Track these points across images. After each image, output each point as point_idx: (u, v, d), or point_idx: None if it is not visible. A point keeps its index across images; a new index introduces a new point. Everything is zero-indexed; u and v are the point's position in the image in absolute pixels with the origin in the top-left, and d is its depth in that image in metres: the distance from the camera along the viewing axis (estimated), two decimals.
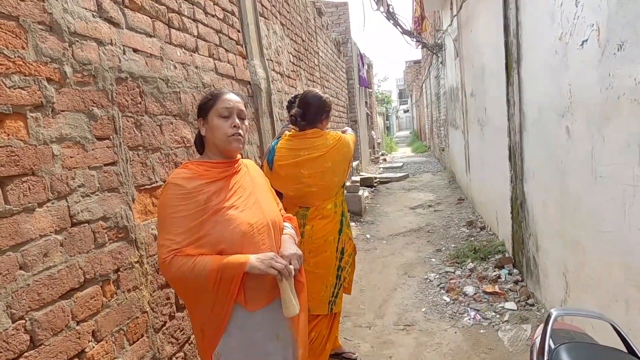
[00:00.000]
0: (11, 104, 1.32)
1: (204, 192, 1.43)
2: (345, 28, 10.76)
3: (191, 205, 1.40)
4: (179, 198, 1.40)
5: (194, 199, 1.41)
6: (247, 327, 1.48)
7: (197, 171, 1.47)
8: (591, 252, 2.33)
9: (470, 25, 5.72)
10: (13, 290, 1.27)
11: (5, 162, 1.28)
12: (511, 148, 3.84)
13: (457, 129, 8.01)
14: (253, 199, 1.55)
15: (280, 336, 1.55)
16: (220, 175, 1.50)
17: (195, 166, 1.49)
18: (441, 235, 5.55)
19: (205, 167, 1.50)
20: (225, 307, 1.43)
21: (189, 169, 1.48)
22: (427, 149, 19.80)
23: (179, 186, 1.42)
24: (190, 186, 1.42)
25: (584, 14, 2.21)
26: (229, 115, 1.52)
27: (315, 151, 2.40)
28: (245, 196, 1.53)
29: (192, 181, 1.43)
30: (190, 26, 2.51)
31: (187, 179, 1.44)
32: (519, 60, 3.48)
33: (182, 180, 1.43)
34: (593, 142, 2.19)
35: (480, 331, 3.08)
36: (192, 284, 1.40)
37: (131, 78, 1.91)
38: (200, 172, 1.47)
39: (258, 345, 1.49)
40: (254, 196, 1.57)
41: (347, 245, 2.58)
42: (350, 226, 2.68)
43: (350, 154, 2.54)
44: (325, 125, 2.54)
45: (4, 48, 1.31)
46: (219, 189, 1.47)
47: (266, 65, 3.78)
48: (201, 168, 1.49)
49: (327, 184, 2.45)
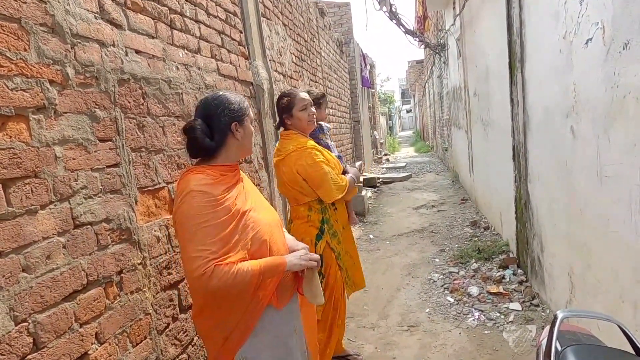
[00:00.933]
0: (13, 106, 1.31)
1: (229, 198, 1.43)
2: (347, 28, 10.76)
3: (221, 213, 1.38)
4: (208, 206, 1.37)
5: (222, 205, 1.40)
6: (274, 325, 1.51)
7: (215, 177, 1.45)
8: (597, 253, 2.31)
9: (473, 24, 5.70)
10: (16, 292, 1.27)
11: (8, 165, 1.28)
12: (515, 148, 3.82)
13: (460, 129, 7.99)
14: (260, 201, 1.61)
15: (298, 329, 1.61)
16: (234, 180, 1.52)
17: (212, 171, 1.47)
18: (445, 235, 5.53)
19: (221, 171, 1.49)
20: (259, 308, 1.47)
21: (207, 175, 1.44)
22: (430, 149, 19.76)
23: (206, 193, 1.38)
24: (217, 193, 1.40)
25: (589, 13, 2.19)
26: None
27: (277, 154, 2.44)
28: (256, 199, 1.58)
29: (216, 187, 1.42)
30: (192, 27, 2.51)
31: (211, 185, 1.41)
32: (522, 60, 3.46)
33: (207, 187, 1.40)
34: (598, 142, 2.17)
35: (485, 332, 3.06)
36: (234, 292, 1.39)
37: (133, 79, 1.91)
38: (219, 177, 1.46)
39: (282, 341, 1.53)
40: (259, 198, 1.62)
41: (328, 257, 2.43)
42: (339, 243, 2.49)
43: (306, 173, 2.28)
44: (295, 125, 2.39)
45: (6, 50, 1.31)
46: (237, 193, 1.49)
47: (269, 66, 3.78)
48: (217, 173, 1.47)
49: (287, 191, 2.47)
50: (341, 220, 2.55)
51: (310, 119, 2.41)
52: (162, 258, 2.01)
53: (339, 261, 2.51)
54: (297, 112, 2.37)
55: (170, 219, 2.10)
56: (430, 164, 14.11)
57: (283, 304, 1.55)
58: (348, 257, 2.61)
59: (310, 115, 2.39)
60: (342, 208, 2.59)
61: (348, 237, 2.62)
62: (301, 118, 2.37)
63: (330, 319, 2.55)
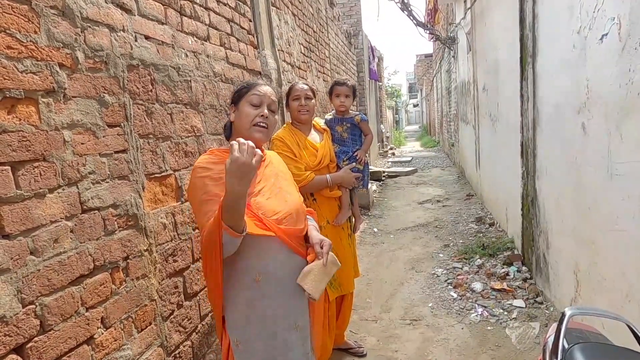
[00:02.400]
0: (23, 89, 1.31)
1: None
2: (356, 20, 10.66)
3: (221, 186, 1.37)
4: (209, 179, 1.43)
5: (222, 180, 1.36)
6: (267, 317, 1.48)
7: (222, 157, 1.47)
8: (604, 251, 2.29)
9: (484, 18, 5.63)
10: (24, 275, 1.27)
11: (17, 147, 1.28)
12: (523, 144, 3.79)
13: (468, 124, 7.93)
14: (279, 189, 1.58)
15: (300, 325, 1.55)
16: None
17: (221, 153, 1.53)
18: (449, 230, 5.51)
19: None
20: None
21: (214, 155, 1.52)
22: (436, 144, 19.65)
23: (206, 168, 1.45)
24: (217, 168, 1.44)
25: (605, 7, 2.15)
26: (259, 105, 1.56)
27: None
28: (270, 185, 1.56)
29: (219, 164, 1.45)
30: (202, 14, 2.49)
31: (214, 162, 1.47)
32: (534, 55, 3.41)
33: (209, 163, 1.47)
34: (610, 139, 2.15)
35: (488, 328, 3.06)
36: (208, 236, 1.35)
37: (143, 65, 1.90)
38: (226, 158, 1.45)
39: (278, 336, 1.50)
40: (280, 187, 1.60)
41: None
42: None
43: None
44: (291, 114, 2.47)
45: (17, 32, 1.30)
46: None
47: (277, 56, 3.75)
48: (226, 155, 1.45)
49: None
50: (326, 214, 2.49)
51: (300, 110, 2.39)
52: (168, 245, 2.01)
53: None
54: (290, 101, 2.44)
55: (177, 206, 2.11)
56: (436, 159, 14.04)
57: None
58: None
59: (300, 106, 2.39)
60: (329, 202, 2.51)
61: (335, 232, 2.50)
62: (292, 107, 2.44)
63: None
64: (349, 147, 2.64)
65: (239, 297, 1.48)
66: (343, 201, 2.58)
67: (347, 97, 2.61)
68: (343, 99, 2.61)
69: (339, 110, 2.66)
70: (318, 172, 2.44)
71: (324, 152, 2.47)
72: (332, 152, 2.56)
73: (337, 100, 2.62)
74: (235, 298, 1.49)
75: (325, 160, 2.47)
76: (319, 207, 2.45)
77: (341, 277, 2.54)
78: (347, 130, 2.65)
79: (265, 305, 1.48)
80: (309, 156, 2.41)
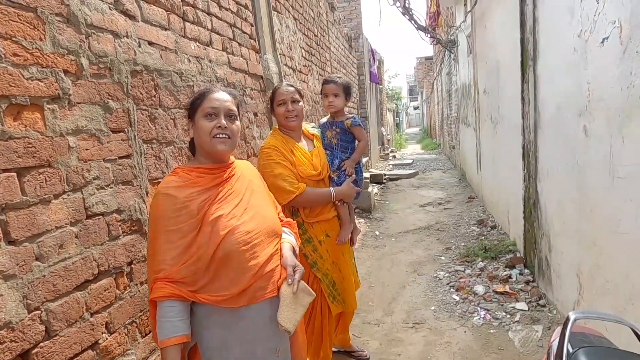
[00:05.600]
0: (29, 95, 1.32)
1: (197, 201, 1.35)
2: (357, 23, 10.70)
3: (184, 217, 1.32)
4: (171, 210, 1.32)
5: (187, 209, 1.33)
6: (246, 341, 1.41)
7: (189, 178, 1.39)
8: (608, 254, 2.29)
9: (484, 21, 5.65)
10: (29, 280, 1.28)
11: (23, 154, 1.29)
12: (525, 147, 3.79)
13: (469, 127, 7.94)
14: (248, 205, 1.46)
15: (281, 350, 1.47)
16: (214, 182, 1.42)
17: (187, 173, 1.41)
18: (451, 233, 5.51)
19: (197, 174, 1.41)
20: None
21: (179, 177, 1.39)
22: (437, 146, 19.66)
23: (170, 196, 1.33)
24: (182, 195, 1.33)
25: (606, 11, 2.16)
26: (215, 115, 1.42)
27: None
28: (240, 202, 1.44)
29: (184, 189, 1.35)
30: (204, 19, 2.51)
31: (179, 187, 1.35)
32: (535, 58, 3.42)
33: (173, 189, 1.35)
34: (612, 141, 2.15)
35: (490, 331, 3.05)
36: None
37: (146, 71, 1.91)
38: (192, 180, 1.39)
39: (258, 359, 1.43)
40: (249, 202, 1.48)
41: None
42: (315, 250, 2.29)
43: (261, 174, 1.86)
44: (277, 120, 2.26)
45: (22, 39, 1.31)
46: (212, 197, 1.39)
47: (278, 60, 3.77)
48: (193, 175, 1.40)
49: None
50: (325, 227, 2.31)
51: (288, 116, 2.18)
52: None
53: (314, 270, 2.28)
54: (275, 107, 2.22)
55: None
56: (437, 162, 14.04)
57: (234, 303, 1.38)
58: (336, 270, 2.36)
59: (287, 112, 2.18)
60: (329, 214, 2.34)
61: (336, 246, 2.36)
62: (278, 114, 2.22)
63: (314, 343, 2.35)
64: (336, 155, 2.40)
65: (215, 319, 1.39)
66: (344, 216, 2.39)
67: (337, 96, 2.35)
68: (332, 98, 2.35)
69: (328, 110, 2.44)
70: (315, 185, 2.25)
71: (322, 162, 2.31)
72: (327, 162, 2.37)
73: (326, 101, 2.38)
74: (209, 320, 1.39)
75: (324, 172, 2.30)
76: (317, 223, 2.29)
77: (345, 293, 2.41)
78: (336, 135, 2.41)
79: (243, 328, 1.40)
80: (307, 165, 2.23)
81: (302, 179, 2.18)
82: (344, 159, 2.39)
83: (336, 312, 2.41)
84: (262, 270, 1.40)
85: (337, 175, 2.37)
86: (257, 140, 3.25)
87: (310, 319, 2.37)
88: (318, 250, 2.29)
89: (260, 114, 3.38)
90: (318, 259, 2.29)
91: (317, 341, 2.40)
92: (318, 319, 2.38)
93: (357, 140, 2.45)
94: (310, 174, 2.21)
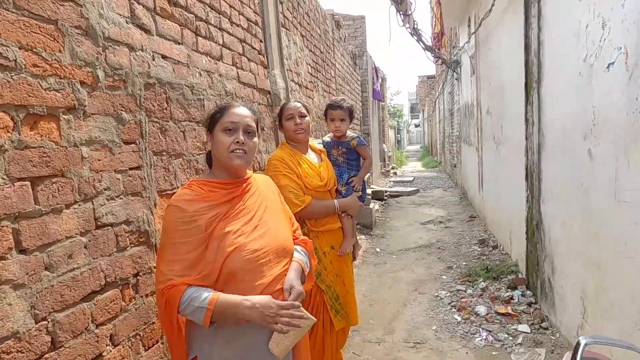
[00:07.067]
0: (46, 106, 1.33)
1: (206, 217, 1.34)
2: (361, 41, 10.83)
3: (192, 231, 1.32)
4: (180, 222, 1.32)
5: (195, 223, 1.32)
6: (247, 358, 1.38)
7: (201, 192, 1.38)
8: (613, 277, 2.28)
9: (488, 43, 5.72)
10: (38, 290, 1.27)
11: (38, 163, 1.30)
12: (528, 168, 3.81)
13: (471, 146, 7.97)
14: (260, 222, 1.45)
15: None
16: (226, 198, 1.41)
17: (200, 187, 1.40)
18: (452, 252, 5.49)
19: (210, 188, 1.41)
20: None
21: (192, 190, 1.39)
22: (437, 164, 19.71)
23: (180, 209, 1.33)
24: (192, 209, 1.33)
25: (611, 37, 2.20)
26: (234, 130, 1.42)
27: None
28: (252, 219, 1.43)
29: (194, 204, 1.35)
30: (216, 35, 2.55)
31: (189, 201, 1.35)
32: (539, 80, 3.46)
33: (184, 202, 1.35)
34: (617, 165, 2.16)
35: (493, 353, 3.02)
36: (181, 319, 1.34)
37: (159, 84, 1.93)
38: (204, 194, 1.38)
39: None
40: (261, 219, 1.46)
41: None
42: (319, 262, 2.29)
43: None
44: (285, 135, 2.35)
45: (42, 50, 1.33)
46: (222, 212, 1.38)
47: (286, 76, 3.81)
48: (206, 189, 1.40)
49: None
50: (330, 239, 2.37)
51: (296, 129, 2.26)
52: None
53: (318, 281, 2.27)
54: (284, 122, 2.31)
55: None
56: (437, 180, 14.07)
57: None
58: (339, 282, 2.39)
59: (295, 126, 2.26)
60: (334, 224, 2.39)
61: (340, 259, 2.40)
62: (287, 128, 2.30)
63: (315, 359, 2.29)
64: (343, 172, 2.51)
65: (216, 335, 1.36)
66: (347, 229, 2.45)
67: (343, 120, 2.47)
68: (338, 123, 2.46)
69: (335, 134, 2.54)
70: (322, 196, 2.32)
71: (330, 174, 2.38)
72: (335, 175, 2.45)
73: (332, 125, 2.49)
74: (210, 336, 1.36)
75: (331, 183, 2.37)
76: (322, 233, 2.35)
77: (348, 307, 2.42)
78: (342, 154, 2.53)
79: (244, 345, 1.37)
80: (313, 177, 2.30)
81: (309, 190, 2.24)
82: (352, 175, 2.52)
83: (339, 327, 2.40)
84: (268, 291, 1.37)
85: (345, 189, 2.49)
86: (263, 154, 3.27)
87: (312, 333, 2.34)
88: (322, 261, 2.32)
89: (267, 128, 3.40)
90: (322, 270, 2.32)
91: (318, 356, 2.37)
92: (320, 333, 2.36)
93: (362, 158, 2.59)
94: (317, 185, 2.28)
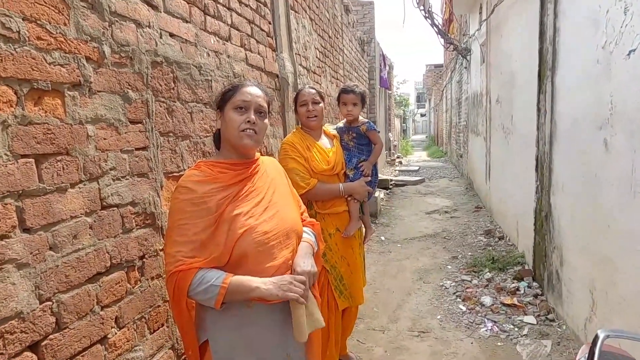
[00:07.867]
0: (50, 81, 1.29)
1: (216, 198, 1.31)
2: (369, 27, 10.68)
3: (202, 213, 1.29)
4: (189, 203, 1.29)
5: (205, 205, 1.29)
6: (256, 345, 1.37)
7: (210, 174, 1.35)
8: (624, 271, 2.24)
9: (500, 30, 5.60)
10: (42, 270, 1.24)
11: (42, 140, 1.26)
12: (539, 158, 3.74)
13: (479, 136, 7.88)
14: (269, 204, 1.42)
15: (292, 356, 1.43)
16: (236, 179, 1.38)
17: (209, 167, 1.37)
18: (458, 242, 5.46)
19: (220, 169, 1.38)
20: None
21: (201, 171, 1.36)
22: (443, 154, 19.58)
23: (190, 190, 1.31)
24: (202, 190, 1.31)
25: (634, 23, 2.12)
26: (246, 109, 1.39)
27: None
28: (261, 201, 1.41)
29: (204, 185, 1.32)
30: (224, 14, 2.48)
31: (199, 182, 1.32)
32: (553, 68, 3.38)
33: (193, 183, 1.32)
34: (634, 157, 2.11)
35: (498, 343, 3.00)
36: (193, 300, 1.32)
37: (166, 63, 1.88)
38: (214, 175, 1.35)
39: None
40: (271, 200, 1.44)
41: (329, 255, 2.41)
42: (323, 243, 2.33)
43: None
44: (300, 120, 2.45)
45: (47, 23, 1.28)
46: (232, 194, 1.35)
47: (294, 59, 3.74)
48: (215, 170, 1.37)
49: None
50: (335, 222, 2.42)
51: (309, 115, 2.34)
52: None
53: (322, 261, 2.29)
54: (298, 108, 2.41)
55: None
56: (443, 169, 13.98)
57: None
58: (344, 263, 2.44)
59: (308, 112, 2.33)
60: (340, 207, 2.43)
61: (345, 241, 2.45)
62: (300, 114, 2.40)
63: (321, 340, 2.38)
64: (352, 156, 2.54)
65: (225, 320, 1.35)
66: (352, 212, 2.49)
67: (355, 105, 2.49)
68: (350, 107, 2.49)
69: (346, 118, 2.57)
70: (329, 179, 2.37)
71: (337, 159, 2.41)
72: (343, 159, 2.49)
73: (345, 109, 2.52)
74: (220, 321, 1.36)
75: (338, 167, 2.41)
76: (328, 215, 2.40)
77: (352, 288, 2.47)
78: (353, 139, 2.56)
79: (254, 332, 1.36)
80: (321, 161, 2.35)
81: (315, 174, 2.32)
82: (361, 160, 2.55)
83: (343, 307, 2.48)
84: (279, 273, 1.35)
85: (353, 173, 2.52)
86: (271, 139, 3.22)
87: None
88: (328, 242, 2.39)
89: (275, 112, 3.35)
90: (327, 250, 2.39)
91: (324, 339, 2.38)
92: (324, 314, 2.36)
93: (373, 143, 2.61)
94: (323, 169, 2.34)
